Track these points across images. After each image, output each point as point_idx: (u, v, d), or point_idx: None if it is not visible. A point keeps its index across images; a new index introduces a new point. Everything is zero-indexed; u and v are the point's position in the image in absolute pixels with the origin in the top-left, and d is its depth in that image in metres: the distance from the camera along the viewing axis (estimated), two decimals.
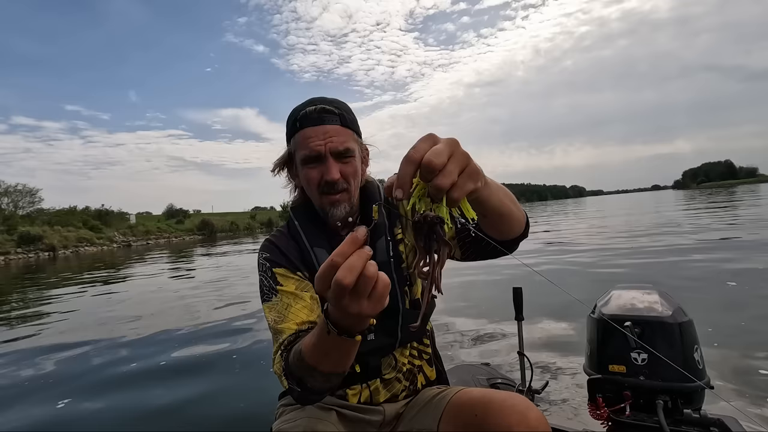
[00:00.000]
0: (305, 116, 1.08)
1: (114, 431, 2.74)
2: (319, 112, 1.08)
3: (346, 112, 1.13)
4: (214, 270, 12.73)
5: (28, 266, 22.11)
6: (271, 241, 1.20)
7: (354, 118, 1.16)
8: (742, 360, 2.81)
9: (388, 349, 1.17)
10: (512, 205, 0.90)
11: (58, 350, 4.73)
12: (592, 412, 1.47)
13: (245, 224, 67.59)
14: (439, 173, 0.59)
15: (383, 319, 1.14)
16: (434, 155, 0.59)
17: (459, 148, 0.62)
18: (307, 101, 1.13)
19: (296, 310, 1.05)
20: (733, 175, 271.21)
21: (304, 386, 0.90)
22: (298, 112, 1.10)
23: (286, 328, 1.02)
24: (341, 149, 1.08)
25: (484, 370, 2.02)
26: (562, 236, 13.01)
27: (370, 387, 1.17)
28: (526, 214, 1.00)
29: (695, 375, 1.38)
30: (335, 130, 1.08)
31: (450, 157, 0.60)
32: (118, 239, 44.80)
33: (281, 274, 1.12)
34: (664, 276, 5.64)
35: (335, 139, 1.08)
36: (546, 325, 3.85)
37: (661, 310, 1.48)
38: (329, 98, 1.14)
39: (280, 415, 1.17)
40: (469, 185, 0.63)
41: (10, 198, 43.39)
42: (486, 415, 0.95)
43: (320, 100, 1.12)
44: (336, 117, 1.09)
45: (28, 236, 34.03)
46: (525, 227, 1.00)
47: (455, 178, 0.60)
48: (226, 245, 26.76)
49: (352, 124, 1.14)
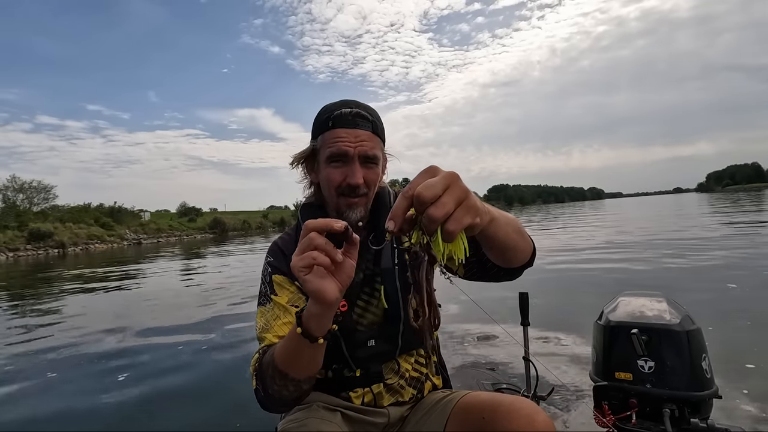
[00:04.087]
0: (340, 116, 1.08)
1: (118, 429, 2.76)
2: (354, 116, 1.08)
3: (377, 120, 1.13)
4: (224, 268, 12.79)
5: (38, 263, 22.37)
6: (278, 245, 1.20)
7: (383, 127, 1.17)
8: (749, 368, 2.77)
9: (389, 356, 1.17)
10: (518, 238, 0.90)
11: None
12: (597, 419, 1.46)
13: (257, 223, 67.86)
14: (431, 204, 0.59)
15: (385, 325, 1.14)
16: (426, 187, 0.59)
17: (457, 182, 0.62)
18: (342, 102, 1.13)
19: (281, 324, 1.07)
20: (761, 177, 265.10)
21: (266, 392, 0.93)
22: (332, 111, 1.10)
23: (269, 338, 1.05)
24: (369, 154, 1.09)
25: (489, 375, 2.02)
26: (570, 240, 12.91)
27: (373, 391, 1.17)
28: (533, 244, 1.00)
29: (703, 384, 1.37)
30: (367, 136, 1.09)
31: (446, 190, 0.60)
32: (129, 237, 45.20)
33: (278, 283, 1.13)
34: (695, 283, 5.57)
35: (366, 144, 1.08)
36: (552, 330, 3.82)
37: (669, 318, 1.47)
38: (363, 104, 1.14)
39: (285, 415, 1.17)
40: (466, 219, 0.62)
41: (26, 194, 44.06)
42: (494, 418, 0.96)
43: (355, 104, 1.12)
44: (369, 123, 1.10)
45: (38, 233, 34.38)
46: (531, 257, 1.00)
47: (450, 210, 0.60)
48: (228, 245, 26.89)
49: (382, 132, 1.15)
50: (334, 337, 1.08)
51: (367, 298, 1.16)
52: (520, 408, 0.95)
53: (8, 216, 37.60)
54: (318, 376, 1.18)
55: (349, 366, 1.15)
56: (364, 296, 1.15)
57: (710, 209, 24.95)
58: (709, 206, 29.38)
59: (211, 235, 55.21)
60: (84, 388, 3.49)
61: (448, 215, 0.59)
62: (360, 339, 1.13)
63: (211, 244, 31.16)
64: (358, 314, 1.15)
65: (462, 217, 0.61)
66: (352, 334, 1.13)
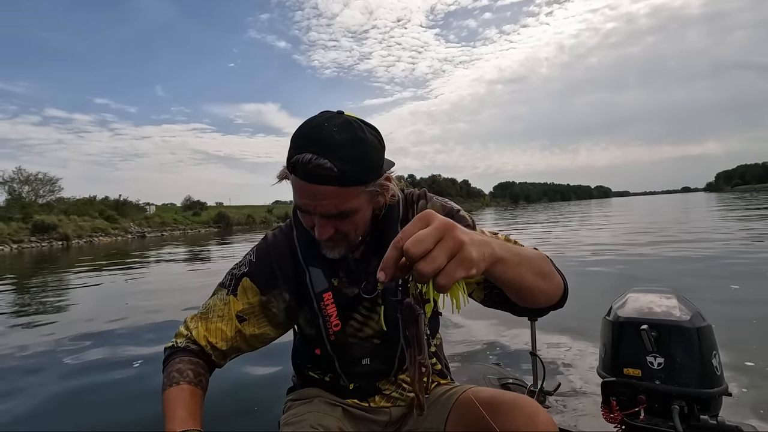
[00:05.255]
0: (297, 164, 0.86)
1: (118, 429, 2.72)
2: (313, 168, 0.84)
3: (352, 164, 0.86)
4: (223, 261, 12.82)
5: (42, 255, 22.48)
6: (268, 243, 1.12)
7: (367, 166, 0.90)
8: (751, 365, 2.75)
9: (385, 374, 1.13)
10: (538, 279, 0.81)
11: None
12: (605, 415, 1.45)
13: (261, 218, 68.00)
14: (421, 259, 0.55)
15: (382, 346, 1.09)
16: (415, 242, 0.55)
17: (450, 233, 0.57)
18: (310, 137, 0.87)
19: (218, 327, 1.06)
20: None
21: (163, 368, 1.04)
22: (292, 154, 0.87)
23: (198, 332, 1.07)
24: (334, 212, 0.90)
25: (495, 370, 2.01)
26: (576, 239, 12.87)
27: (369, 403, 1.15)
28: (564, 285, 0.91)
29: (713, 381, 1.36)
30: (330, 193, 0.87)
31: (438, 242, 0.56)
32: (133, 230, 45.38)
33: (244, 288, 1.07)
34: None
35: (326, 203, 0.88)
36: (559, 326, 3.80)
37: (679, 314, 1.46)
38: (338, 138, 0.85)
39: (287, 409, 1.17)
40: (459, 273, 0.57)
41: (31, 186, 44.27)
42: (494, 416, 0.92)
43: (322, 145, 0.85)
44: (333, 177, 0.85)
45: (42, 225, 34.52)
46: (560, 299, 0.91)
47: (441, 264, 0.56)
48: (222, 240, 26.93)
49: (360, 177, 0.89)
50: (325, 353, 1.09)
51: (366, 313, 1.09)
52: (521, 406, 0.93)
53: (13, 208, 37.79)
54: (315, 377, 1.19)
55: (343, 379, 1.12)
56: (362, 311, 1.09)
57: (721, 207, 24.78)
58: (719, 203, 29.21)
59: (215, 229, 55.38)
60: (82, 387, 3.46)
61: (438, 270, 0.56)
62: (354, 356, 1.09)
63: (215, 238, 31.23)
64: (351, 332, 1.09)
65: (454, 272, 0.57)
66: (346, 352, 1.09)
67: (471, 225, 1.04)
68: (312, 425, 1.03)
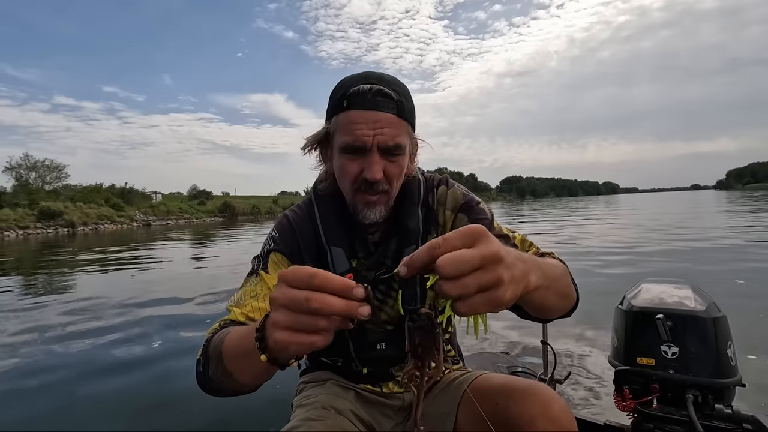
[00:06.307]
0: (357, 95, 0.89)
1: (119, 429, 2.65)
2: (375, 94, 0.89)
3: (405, 98, 0.94)
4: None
5: (47, 241, 22.60)
6: (289, 219, 1.10)
7: (412, 107, 0.97)
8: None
9: (398, 360, 1.11)
10: (561, 300, 0.84)
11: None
12: (618, 403, 1.44)
13: (267, 208, 68.22)
14: (449, 279, 0.50)
15: (397, 331, 1.08)
16: (453, 262, 0.50)
17: (493, 266, 0.52)
18: (362, 76, 0.94)
19: (256, 306, 0.94)
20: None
21: (206, 372, 0.83)
22: (348, 87, 0.91)
23: (235, 313, 0.93)
24: (391, 144, 0.91)
25: (505, 358, 2.01)
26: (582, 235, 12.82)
27: (381, 388, 1.15)
28: (576, 299, 0.94)
29: (727, 371, 1.35)
30: (389, 121, 0.90)
31: (475, 270, 0.51)
32: (139, 218, 45.59)
33: (275, 262, 1.02)
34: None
35: (387, 132, 0.90)
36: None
37: (694, 304, 1.44)
38: (388, 76, 0.94)
39: (300, 391, 1.17)
40: (482, 309, 0.53)
41: (38, 173, 44.54)
42: (508, 402, 0.92)
43: (378, 78, 0.92)
44: (393, 104, 0.90)
45: (48, 211, 34.74)
46: (570, 311, 0.95)
47: (469, 294, 0.51)
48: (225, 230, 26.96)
49: (410, 114, 0.95)
50: (340, 335, 1.03)
51: (382, 297, 1.09)
52: (536, 393, 0.91)
53: (20, 194, 38.04)
54: (328, 361, 1.17)
55: (356, 363, 1.11)
56: (378, 295, 1.08)
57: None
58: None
59: (220, 218, 55.56)
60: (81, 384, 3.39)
61: (462, 296, 0.52)
62: (369, 341, 1.08)
63: (220, 227, 31.29)
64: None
65: (478, 306, 0.53)
66: (361, 335, 1.07)
67: (489, 218, 1.04)
68: (324, 406, 1.02)
